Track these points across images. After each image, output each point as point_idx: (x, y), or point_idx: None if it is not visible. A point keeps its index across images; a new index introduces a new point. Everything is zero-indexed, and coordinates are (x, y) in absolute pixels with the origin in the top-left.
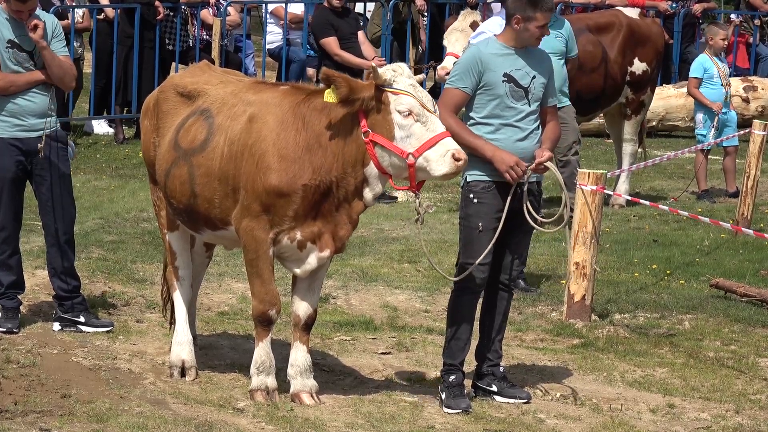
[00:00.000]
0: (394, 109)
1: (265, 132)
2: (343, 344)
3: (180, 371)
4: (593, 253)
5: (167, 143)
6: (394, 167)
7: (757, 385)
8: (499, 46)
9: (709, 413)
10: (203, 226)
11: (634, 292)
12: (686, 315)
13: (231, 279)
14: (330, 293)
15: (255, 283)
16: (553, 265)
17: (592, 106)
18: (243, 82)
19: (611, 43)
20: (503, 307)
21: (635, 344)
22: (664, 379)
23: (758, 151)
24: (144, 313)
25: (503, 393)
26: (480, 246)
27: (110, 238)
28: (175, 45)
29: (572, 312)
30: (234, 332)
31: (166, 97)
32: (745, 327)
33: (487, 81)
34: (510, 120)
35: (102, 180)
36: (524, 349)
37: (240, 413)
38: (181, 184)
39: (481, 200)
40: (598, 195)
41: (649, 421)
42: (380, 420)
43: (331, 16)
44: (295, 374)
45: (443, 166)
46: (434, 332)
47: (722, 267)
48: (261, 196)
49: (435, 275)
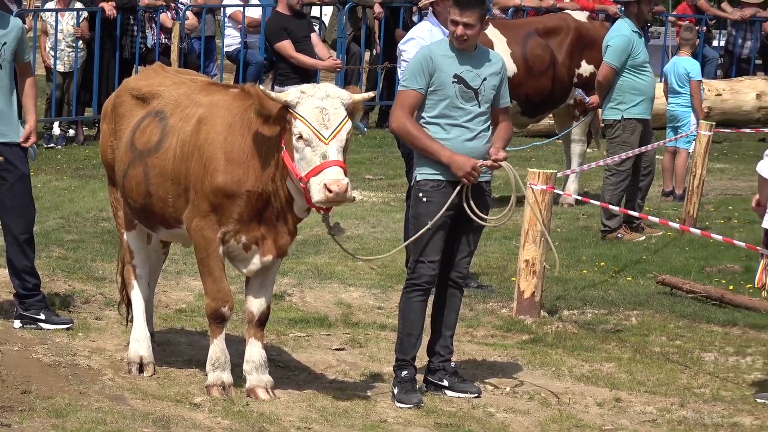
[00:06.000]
0: (294, 132)
1: (213, 135)
2: (298, 340)
3: (138, 367)
4: (542, 251)
5: (124, 145)
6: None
7: (702, 379)
8: (450, 48)
9: (654, 407)
10: (159, 224)
11: (583, 288)
12: (633, 311)
13: (188, 277)
14: (285, 290)
15: (207, 282)
16: (504, 263)
17: (541, 108)
18: (196, 83)
19: (559, 46)
20: (454, 303)
21: (583, 340)
22: (610, 374)
23: (704, 151)
24: (103, 310)
25: (454, 388)
26: (429, 244)
27: (70, 238)
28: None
29: (522, 308)
30: (191, 329)
31: (122, 101)
32: (690, 323)
33: (437, 81)
34: (459, 120)
35: (62, 180)
36: (475, 345)
37: (197, 408)
38: (137, 184)
39: (430, 199)
40: (548, 194)
41: (596, 414)
42: (334, 414)
43: (284, 20)
44: (250, 370)
45: (316, 195)
46: (387, 328)
47: (668, 264)
48: (209, 196)
49: (389, 272)
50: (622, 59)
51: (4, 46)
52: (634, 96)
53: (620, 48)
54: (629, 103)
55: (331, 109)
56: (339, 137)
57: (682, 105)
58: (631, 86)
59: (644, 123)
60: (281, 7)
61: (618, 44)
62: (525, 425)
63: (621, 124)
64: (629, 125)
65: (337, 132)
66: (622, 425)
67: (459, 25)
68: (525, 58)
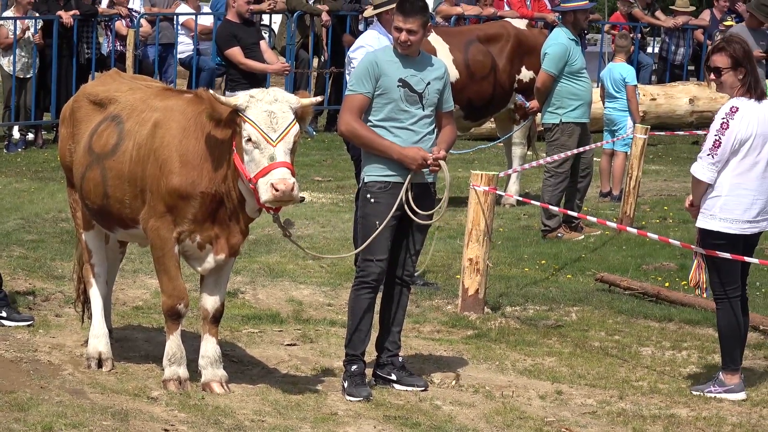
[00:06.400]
0: (243, 135)
1: (168, 138)
2: (251, 336)
3: (97, 362)
4: (486, 249)
5: (82, 148)
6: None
7: (639, 373)
8: (394, 53)
9: (594, 399)
10: (116, 225)
11: (525, 286)
12: (573, 307)
13: (145, 275)
14: (239, 288)
15: (163, 280)
16: (449, 261)
17: (483, 112)
18: (151, 89)
19: (500, 52)
20: (401, 300)
21: (525, 335)
22: (552, 368)
23: (640, 153)
24: (63, 308)
25: (402, 381)
26: (377, 243)
27: (30, 238)
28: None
29: (466, 305)
30: (148, 325)
31: (80, 106)
32: (627, 318)
33: (383, 85)
34: (405, 123)
35: (22, 182)
36: (421, 340)
37: (154, 402)
38: (95, 186)
39: (378, 200)
40: (490, 195)
41: (538, 406)
42: (286, 407)
43: (234, 27)
44: (205, 365)
45: (264, 194)
46: (337, 324)
47: (606, 262)
48: (165, 198)
49: (339, 270)
50: (559, 66)
51: None
52: (571, 101)
53: (557, 56)
54: (567, 107)
55: (279, 113)
56: (286, 140)
57: (618, 109)
58: (568, 92)
59: (582, 127)
60: (231, 16)
61: (555, 52)
62: (470, 417)
63: (559, 127)
64: (567, 129)
65: (285, 135)
66: (563, 417)
67: (402, 31)
68: (467, 64)
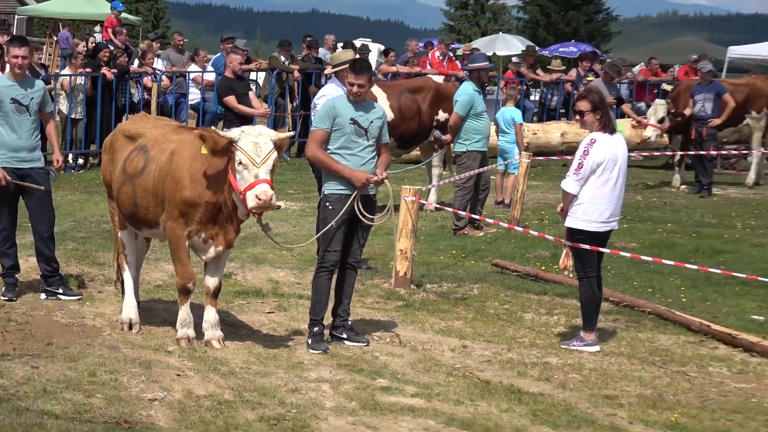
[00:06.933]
0: (236, 159)
1: (182, 162)
2: (240, 306)
3: (128, 326)
4: (412, 242)
5: (118, 170)
6: (239, 197)
7: (523, 332)
8: (348, 100)
9: (490, 351)
10: (143, 225)
11: (440, 269)
12: (475, 285)
13: (164, 262)
14: (232, 271)
15: (177, 266)
16: (385, 251)
17: (410, 143)
18: (169, 126)
19: (423, 99)
20: (350, 280)
21: (440, 305)
22: (459, 329)
23: (524, 173)
24: (104, 286)
25: (351, 339)
26: (333, 238)
27: (80, 235)
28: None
29: (398, 283)
30: (166, 299)
31: (117, 139)
32: (515, 293)
33: (339, 123)
34: (354, 151)
35: (75, 195)
36: (365, 309)
37: (170, 354)
38: (128, 197)
39: (334, 207)
40: (416, 203)
41: (449, 357)
42: (266, 358)
43: (230, 81)
44: (207, 327)
45: (250, 202)
46: (304, 297)
47: (499, 252)
48: (179, 205)
49: (305, 258)
50: (466, 110)
51: (31, 101)
52: (475, 135)
53: (465, 102)
54: (472, 140)
55: (262, 143)
56: (267, 163)
57: (509, 141)
58: (473, 128)
59: (482, 154)
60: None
61: (464, 99)
62: (400, 364)
63: (466, 154)
64: (472, 155)
65: (266, 159)
66: (467, 364)
67: (354, 85)
68: (399, 108)
